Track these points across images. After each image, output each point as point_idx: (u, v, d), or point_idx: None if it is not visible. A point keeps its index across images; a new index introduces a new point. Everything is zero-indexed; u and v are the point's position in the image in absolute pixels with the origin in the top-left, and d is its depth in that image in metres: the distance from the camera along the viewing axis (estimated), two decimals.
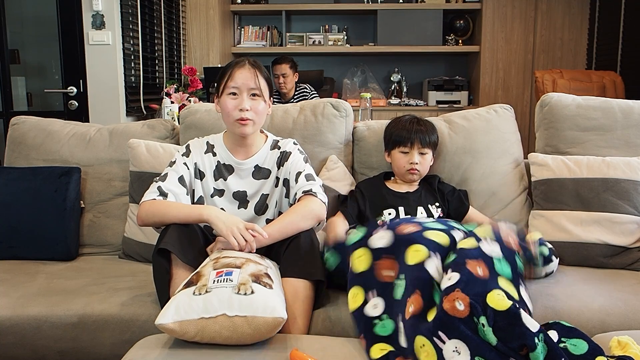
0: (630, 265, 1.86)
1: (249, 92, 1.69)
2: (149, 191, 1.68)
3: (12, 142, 2.29)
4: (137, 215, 1.67)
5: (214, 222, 1.56)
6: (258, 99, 1.71)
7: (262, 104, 1.71)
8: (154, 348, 1.31)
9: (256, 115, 1.70)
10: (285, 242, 1.60)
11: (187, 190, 1.72)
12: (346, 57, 5.45)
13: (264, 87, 1.72)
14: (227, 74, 1.71)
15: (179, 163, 1.74)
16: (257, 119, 1.71)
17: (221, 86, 1.71)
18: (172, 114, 3.24)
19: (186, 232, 1.59)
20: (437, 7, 5.10)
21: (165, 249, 1.54)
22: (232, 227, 1.53)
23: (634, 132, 2.09)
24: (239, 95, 1.69)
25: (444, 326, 1.20)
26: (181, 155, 1.77)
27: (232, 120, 1.70)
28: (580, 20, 5.02)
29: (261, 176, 1.79)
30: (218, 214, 1.58)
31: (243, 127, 1.69)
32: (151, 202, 1.65)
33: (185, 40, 4.77)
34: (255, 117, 1.70)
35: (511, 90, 5.08)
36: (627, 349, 1.24)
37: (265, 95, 1.73)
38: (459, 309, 1.20)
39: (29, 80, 3.72)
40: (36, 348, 1.61)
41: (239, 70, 1.70)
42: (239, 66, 1.70)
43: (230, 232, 1.53)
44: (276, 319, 1.30)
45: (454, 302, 1.21)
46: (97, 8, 3.36)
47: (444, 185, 2.01)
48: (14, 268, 1.95)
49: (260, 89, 1.70)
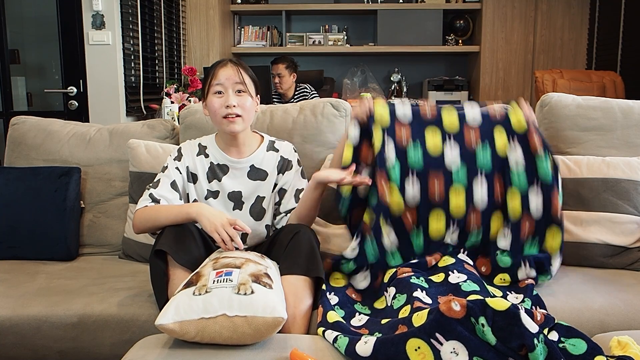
0: (630, 265, 1.86)
1: (234, 87, 1.70)
2: (141, 199, 1.70)
3: (12, 142, 2.29)
4: (133, 224, 1.69)
5: (199, 219, 1.58)
6: (244, 95, 1.71)
7: (249, 99, 1.71)
8: (154, 348, 1.31)
9: (244, 110, 1.70)
10: (284, 241, 1.61)
11: (180, 195, 1.73)
12: (346, 57, 5.45)
13: (249, 83, 1.72)
14: (210, 75, 1.72)
15: (171, 168, 1.75)
16: (245, 115, 1.71)
17: (206, 88, 1.73)
18: (172, 114, 3.25)
19: (182, 232, 1.59)
20: (437, 7, 5.10)
21: (162, 251, 1.54)
22: (215, 223, 1.54)
23: (634, 132, 2.09)
24: (224, 93, 1.70)
25: (441, 327, 1.20)
26: (173, 160, 1.77)
27: (220, 118, 1.70)
28: (580, 20, 5.02)
29: (257, 177, 1.78)
30: (203, 210, 1.59)
31: (232, 125, 1.69)
32: (143, 209, 1.66)
33: (185, 40, 4.77)
34: (243, 113, 1.70)
35: (511, 90, 5.08)
36: (627, 349, 1.24)
37: (252, 91, 1.73)
38: (455, 310, 1.20)
39: (29, 80, 3.72)
40: (36, 348, 1.61)
41: (222, 68, 1.71)
42: (220, 65, 1.72)
43: (214, 228, 1.54)
44: (276, 319, 1.30)
45: (450, 303, 1.21)
46: (97, 8, 3.36)
47: None
48: (14, 268, 1.95)
49: (245, 84, 1.70)
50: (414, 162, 1.71)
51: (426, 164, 1.71)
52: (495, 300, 1.21)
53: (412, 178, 1.70)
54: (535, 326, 1.18)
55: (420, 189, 1.70)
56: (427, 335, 1.21)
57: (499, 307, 1.19)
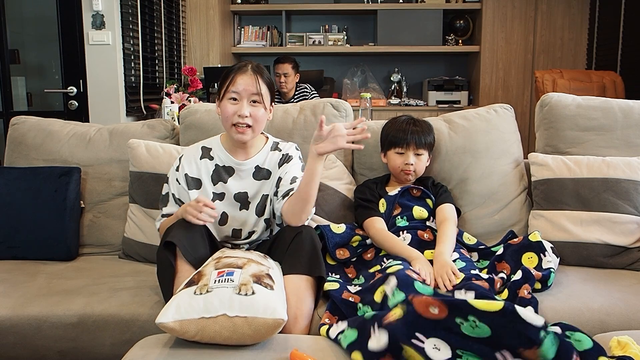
0: (630, 265, 1.86)
1: (249, 98, 1.69)
2: (157, 219, 1.83)
3: (12, 142, 2.29)
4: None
5: (181, 214, 1.64)
6: (258, 106, 1.71)
7: (261, 110, 1.71)
8: (154, 348, 1.31)
9: (255, 121, 1.70)
10: (287, 241, 1.61)
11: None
12: (346, 57, 5.45)
13: (265, 93, 1.72)
14: (229, 78, 1.71)
15: (172, 180, 1.80)
16: (255, 125, 1.71)
17: (222, 90, 1.72)
18: (172, 114, 3.24)
19: (192, 228, 1.60)
20: (437, 7, 5.10)
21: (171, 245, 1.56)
22: (185, 207, 1.62)
23: (634, 132, 2.09)
24: (239, 101, 1.69)
25: (420, 327, 1.20)
26: (175, 170, 1.80)
27: (230, 125, 1.71)
28: (580, 20, 5.02)
29: (261, 177, 1.79)
30: (183, 206, 1.66)
31: (240, 135, 1.70)
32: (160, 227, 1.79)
33: (185, 40, 4.77)
34: (254, 124, 1.70)
35: (511, 90, 5.08)
36: (627, 349, 1.24)
37: (266, 102, 1.73)
38: (433, 312, 1.19)
39: (29, 80, 3.72)
40: (36, 348, 1.61)
41: (241, 75, 1.70)
42: (241, 71, 1.71)
43: (184, 211, 1.61)
44: (276, 320, 1.30)
45: (428, 307, 1.20)
46: (97, 8, 3.36)
47: (436, 186, 2.01)
48: (14, 268, 1.95)
49: (261, 94, 1.70)
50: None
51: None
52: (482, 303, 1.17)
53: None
54: (540, 318, 1.14)
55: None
56: (407, 338, 1.20)
57: (491, 308, 1.15)
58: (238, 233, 1.80)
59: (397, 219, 1.89)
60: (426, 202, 1.93)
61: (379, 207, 1.92)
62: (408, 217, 1.89)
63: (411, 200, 1.93)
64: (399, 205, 1.92)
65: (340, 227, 1.86)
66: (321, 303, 1.62)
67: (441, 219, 1.86)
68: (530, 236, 1.74)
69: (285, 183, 1.73)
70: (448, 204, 1.92)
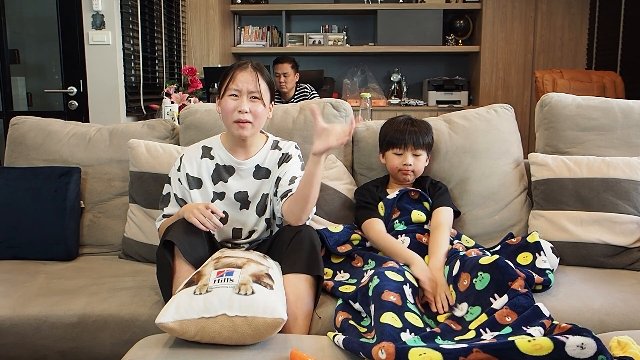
0: (630, 265, 1.86)
1: (249, 94, 1.70)
2: (157, 218, 1.83)
3: (12, 142, 2.29)
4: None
5: (184, 215, 1.62)
6: (257, 102, 1.71)
7: (261, 107, 1.72)
8: (154, 348, 1.31)
9: (255, 118, 1.71)
10: (286, 240, 1.62)
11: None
12: (346, 57, 5.45)
13: (265, 91, 1.73)
14: (229, 76, 1.72)
15: (174, 180, 1.80)
16: (255, 122, 1.72)
17: (223, 87, 1.73)
18: (172, 114, 3.24)
19: (191, 228, 1.60)
20: (437, 7, 5.10)
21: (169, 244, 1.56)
22: (191, 209, 1.60)
23: (634, 132, 2.09)
24: (239, 97, 1.70)
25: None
26: (176, 170, 1.80)
27: (231, 121, 1.71)
28: (580, 20, 5.02)
29: (261, 176, 1.79)
30: (186, 206, 1.66)
31: (241, 130, 1.71)
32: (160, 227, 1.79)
33: (185, 40, 4.77)
34: (254, 120, 1.71)
35: (511, 90, 5.08)
36: (627, 349, 1.24)
37: (266, 99, 1.74)
38: (381, 358, 1.20)
39: (29, 80, 3.72)
40: (36, 348, 1.61)
41: (241, 72, 1.71)
42: (241, 69, 1.72)
43: (191, 214, 1.59)
44: (276, 319, 1.30)
45: (377, 352, 1.22)
46: (97, 8, 3.36)
47: (435, 186, 2.01)
48: (14, 268, 1.95)
49: (260, 92, 1.71)
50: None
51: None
52: (531, 345, 1.16)
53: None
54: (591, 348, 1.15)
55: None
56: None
57: (541, 352, 1.14)
58: (238, 233, 1.80)
59: (396, 222, 1.89)
60: (424, 205, 1.93)
61: (378, 210, 1.92)
62: (406, 221, 1.89)
63: (410, 203, 1.93)
64: (398, 209, 1.92)
65: (338, 227, 1.86)
66: (320, 302, 1.62)
67: (435, 225, 1.84)
68: (528, 237, 1.74)
69: (284, 184, 1.73)
70: (444, 207, 1.90)
